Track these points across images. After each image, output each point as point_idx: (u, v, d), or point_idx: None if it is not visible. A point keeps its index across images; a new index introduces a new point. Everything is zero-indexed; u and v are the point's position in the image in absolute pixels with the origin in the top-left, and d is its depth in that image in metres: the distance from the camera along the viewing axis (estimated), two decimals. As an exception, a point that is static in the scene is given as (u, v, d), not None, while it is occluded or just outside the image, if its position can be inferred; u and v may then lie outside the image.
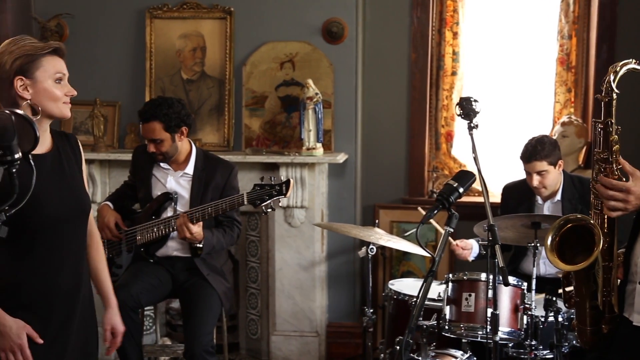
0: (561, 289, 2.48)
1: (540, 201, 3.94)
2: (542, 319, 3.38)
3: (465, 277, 3.39)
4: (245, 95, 4.68)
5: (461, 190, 2.61)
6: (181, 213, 3.62)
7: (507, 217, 3.68)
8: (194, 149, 3.84)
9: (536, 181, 3.81)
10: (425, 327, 3.30)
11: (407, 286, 3.84)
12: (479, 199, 4.69)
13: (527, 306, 3.34)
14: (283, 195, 3.50)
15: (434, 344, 3.40)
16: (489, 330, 3.01)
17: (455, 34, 4.77)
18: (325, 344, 4.73)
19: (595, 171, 2.26)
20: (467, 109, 3.12)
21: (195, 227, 3.55)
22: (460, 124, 4.78)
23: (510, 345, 3.48)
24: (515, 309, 3.34)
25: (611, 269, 2.28)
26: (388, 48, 4.76)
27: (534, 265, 3.48)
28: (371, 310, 3.97)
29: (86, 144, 4.50)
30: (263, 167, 4.54)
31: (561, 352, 3.35)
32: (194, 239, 3.59)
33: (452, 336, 3.41)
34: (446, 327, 3.35)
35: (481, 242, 3.90)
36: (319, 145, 4.48)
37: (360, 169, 4.80)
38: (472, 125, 3.11)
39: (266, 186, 3.51)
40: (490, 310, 3.00)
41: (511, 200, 4.04)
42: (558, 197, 3.91)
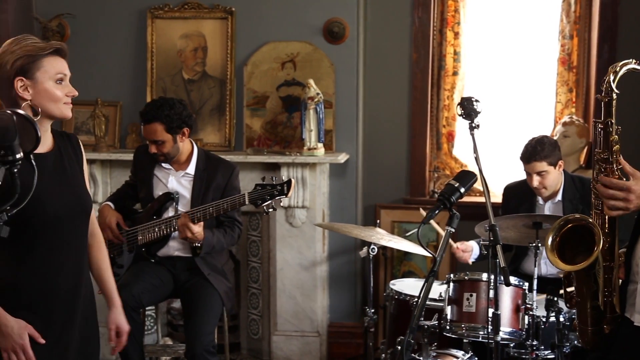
0: (562, 289, 2.47)
1: (541, 201, 3.94)
2: (544, 319, 3.38)
3: (466, 277, 3.39)
4: (246, 95, 4.68)
5: (462, 190, 2.61)
6: (183, 213, 3.62)
7: (508, 217, 3.68)
8: (195, 149, 3.84)
9: (536, 182, 3.81)
10: (426, 327, 3.30)
11: (408, 286, 3.84)
12: (480, 199, 4.69)
13: (529, 306, 3.33)
14: (284, 195, 3.50)
15: (435, 344, 3.40)
16: (490, 331, 3.00)
17: (456, 34, 4.77)
18: (326, 344, 4.72)
19: (596, 171, 2.25)
20: (468, 109, 3.11)
21: (196, 227, 3.56)
22: (461, 124, 4.77)
23: (512, 345, 3.48)
24: (517, 309, 3.34)
25: (612, 269, 2.28)
26: (389, 48, 4.75)
27: (535, 266, 3.48)
28: (372, 310, 3.97)
29: (87, 144, 4.50)
30: (264, 167, 4.54)
31: (562, 353, 3.34)
32: (195, 238, 3.60)
33: (453, 336, 3.40)
34: (447, 327, 3.34)
35: (482, 242, 3.89)
36: (320, 145, 4.48)
37: (361, 169, 4.80)
38: (474, 125, 3.10)
39: (267, 186, 3.51)
40: (491, 311, 3.00)
41: (512, 201, 4.03)
42: (559, 197, 3.90)
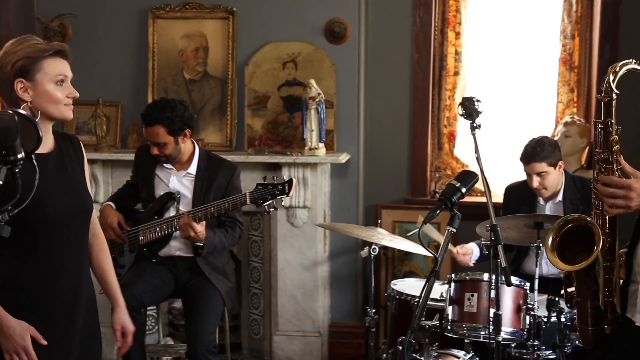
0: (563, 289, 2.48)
1: (542, 202, 3.94)
2: (545, 319, 3.37)
3: (467, 277, 3.39)
4: (247, 95, 4.68)
5: (464, 190, 2.62)
6: (185, 212, 3.63)
7: (509, 217, 3.67)
8: (196, 149, 3.84)
9: (536, 182, 3.80)
10: (427, 327, 3.30)
11: (410, 286, 3.84)
12: (481, 199, 4.69)
13: (530, 306, 3.33)
14: (286, 194, 3.50)
15: (437, 344, 3.40)
16: (491, 331, 3.00)
17: (457, 34, 4.77)
18: (327, 344, 4.72)
19: (596, 171, 2.26)
20: (469, 109, 3.11)
21: (199, 226, 3.56)
22: (462, 124, 4.78)
23: (513, 345, 3.47)
24: (518, 309, 3.33)
25: (613, 269, 2.28)
26: (390, 48, 4.75)
27: (536, 266, 3.48)
28: (373, 311, 3.96)
29: (89, 144, 4.51)
30: (265, 167, 4.54)
31: (564, 353, 3.34)
32: (197, 238, 3.60)
33: (454, 336, 3.40)
34: (449, 327, 3.34)
35: (484, 243, 3.89)
36: (322, 145, 4.48)
37: (362, 169, 4.80)
38: (475, 125, 3.10)
39: (269, 185, 3.51)
40: (492, 311, 2.99)
41: (513, 201, 4.03)
42: (560, 197, 3.90)
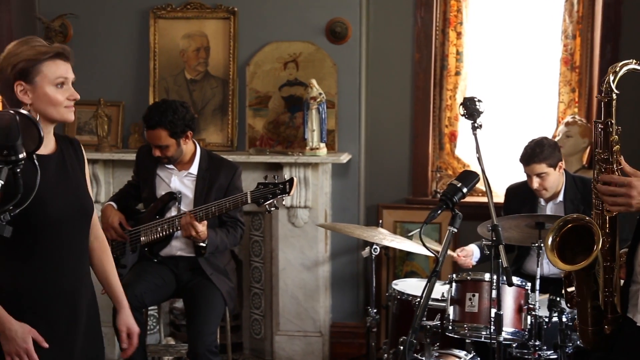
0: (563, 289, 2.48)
1: (543, 202, 3.93)
2: (546, 319, 3.38)
3: (469, 278, 3.39)
4: (248, 95, 4.68)
5: (465, 190, 2.62)
6: (186, 212, 3.63)
7: (510, 217, 3.67)
8: (198, 149, 3.84)
9: (536, 183, 3.80)
10: (428, 327, 3.30)
11: (411, 286, 3.84)
12: (482, 199, 4.69)
13: (531, 306, 3.33)
14: (287, 193, 3.50)
15: (438, 344, 3.40)
16: (492, 331, 3.00)
17: (459, 34, 4.77)
18: (328, 344, 4.72)
19: (596, 171, 2.25)
20: (470, 109, 3.11)
21: (200, 226, 3.56)
22: (464, 124, 4.77)
23: (514, 345, 3.47)
24: (519, 309, 3.34)
25: (613, 269, 2.28)
26: (392, 48, 4.75)
27: (537, 266, 3.47)
28: (375, 311, 3.97)
29: (90, 144, 4.52)
30: (266, 167, 4.53)
31: (565, 353, 3.34)
32: (199, 237, 3.60)
33: (455, 336, 3.40)
34: (450, 328, 3.34)
35: (485, 243, 3.89)
36: (323, 145, 4.48)
37: (363, 169, 4.80)
38: (476, 125, 3.10)
39: (270, 185, 3.51)
40: (494, 311, 2.99)
41: (514, 202, 4.02)
42: (560, 198, 3.89)
